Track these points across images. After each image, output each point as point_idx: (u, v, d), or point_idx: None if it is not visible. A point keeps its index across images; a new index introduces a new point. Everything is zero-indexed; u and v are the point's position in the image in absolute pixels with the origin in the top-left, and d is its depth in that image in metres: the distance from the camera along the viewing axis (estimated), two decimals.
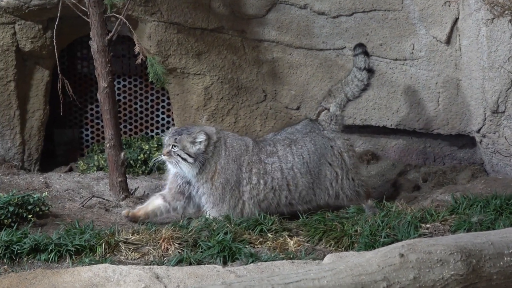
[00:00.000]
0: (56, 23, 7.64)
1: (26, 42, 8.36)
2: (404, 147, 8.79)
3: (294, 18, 8.39)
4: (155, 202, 7.21)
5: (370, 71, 7.62)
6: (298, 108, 8.68)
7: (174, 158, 7.03)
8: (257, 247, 6.31)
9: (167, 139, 7.13)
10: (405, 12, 8.18)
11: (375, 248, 4.97)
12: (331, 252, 6.00)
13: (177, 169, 7.11)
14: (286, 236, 6.45)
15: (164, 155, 7.08)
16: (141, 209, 7.18)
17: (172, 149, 7.03)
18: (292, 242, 6.34)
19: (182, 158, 7.01)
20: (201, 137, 7.04)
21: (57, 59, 7.81)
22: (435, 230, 6.46)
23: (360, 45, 7.72)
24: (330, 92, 7.65)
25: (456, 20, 8.06)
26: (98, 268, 5.26)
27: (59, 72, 7.71)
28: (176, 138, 7.05)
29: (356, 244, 6.25)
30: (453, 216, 6.69)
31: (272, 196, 7.19)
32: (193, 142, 7.03)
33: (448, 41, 8.12)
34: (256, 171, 7.17)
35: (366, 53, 7.63)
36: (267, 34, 8.47)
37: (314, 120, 7.57)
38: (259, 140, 7.54)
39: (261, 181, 7.16)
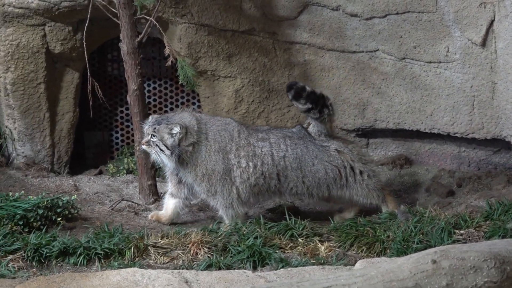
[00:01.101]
0: (86, 24, 7.71)
1: (56, 44, 8.42)
2: (438, 152, 8.73)
3: (326, 20, 8.37)
4: (170, 204, 7.30)
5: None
6: None
7: (153, 148, 7.04)
8: (288, 252, 6.31)
9: (146, 127, 7.12)
10: (439, 14, 8.13)
11: (407, 254, 4.95)
12: (363, 258, 5.99)
13: (156, 159, 7.13)
14: (317, 241, 6.44)
15: (143, 145, 7.11)
16: (162, 217, 7.24)
17: (151, 139, 7.04)
18: (323, 248, 6.33)
19: (160, 149, 7.02)
20: (176, 130, 7.03)
21: (87, 61, 7.86)
22: (469, 237, 6.42)
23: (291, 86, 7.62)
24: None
25: (492, 22, 7.98)
26: (127, 272, 5.28)
27: (88, 74, 7.77)
28: (155, 128, 7.04)
29: (388, 250, 6.24)
30: (487, 222, 6.65)
31: (262, 182, 7.18)
32: (170, 134, 7.03)
33: (483, 44, 8.05)
34: (245, 154, 7.16)
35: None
36: (299, 36, 8.46)
37: (306, 129, 7.54)
38: (251, 127, 7.54)
39: (250, 164, 7.15)
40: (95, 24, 8.20)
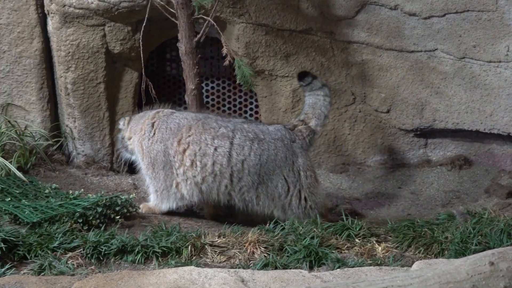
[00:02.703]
0: (144, 24, 7.79)
1: (115, 44, 8.52)
2: (498, 152, 8.63)
3: (384, 19, 8.33)
4: None
5: (325, 85, 7.74)
6: (388, 111, 8.63)
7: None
8: (344, 253, 6.28)
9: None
10: (499, 13, 8.04)
11: (465, 256, 4.91)
12: (420, 259, 5.95)
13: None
14: (374, 242, 6.40)
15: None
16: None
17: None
18: (380, 248, 6.29)
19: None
20: (121, 123, 7.76)
21: (142, 61, 7.94)
22: None
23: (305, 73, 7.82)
24: (311, 108, 7.58)
25: None
26: (184, 271, 5.31)
27: (143, 73, 7.85)
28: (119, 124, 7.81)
29: (446, 251, 6.18)
30: None
31: (212, 180, 7.15)
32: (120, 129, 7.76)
33: None
34: (190, 153, 7.15)
35: (314, 77, 7.76)
36: (357, 35, 8.44)
37: (287, 129, 7.41)
38: (217, 119, 7.40)
39: (198, 163, 7.14)
40: (153, 24, 8.29)
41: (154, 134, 7.30)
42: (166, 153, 7.21)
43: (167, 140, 7.22)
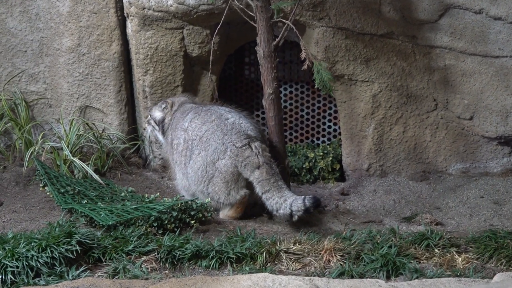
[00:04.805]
0: (218, 27, 7.83)
1: (193, 47, 8.58)
2: None
3: (468, 24, 8.22)
4: None
5: None
6: (471, 118, 8.50)
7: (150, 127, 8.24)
8: (423, 263, 6.23)
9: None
10: None
11: None
12: (502, 271, 5.86)
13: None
14: (454, 252, 6.33)
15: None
16: None
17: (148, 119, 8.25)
18: (460, 259, 6.21)
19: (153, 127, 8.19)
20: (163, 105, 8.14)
21: (210, 62, 7.99)
22: None
23: None
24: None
25: None
26: (258, 277, 5.32)
27: (209, 75, 7.90)
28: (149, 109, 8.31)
29: None
30: None
31: (180, 160, 7.67)
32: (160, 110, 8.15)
33: None
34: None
35: None
36: (439, 40, 8.33)
37: (263, 146, 7.39)
38: (201, 108, 7.87)
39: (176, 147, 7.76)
40: (232, 28, 8.33)
41: None
42: None
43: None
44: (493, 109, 8.38)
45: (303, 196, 7.06)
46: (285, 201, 7.07)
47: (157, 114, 8.07)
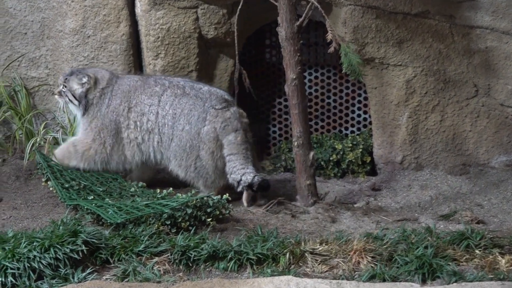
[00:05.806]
0: (240, 7, 7.81)
1: (209, 29, 8.59)
2: None
3: None
4: None
5: None
6: None
7: (63, 98, 8.11)
8: (462, 265, 6.21)
9: (59, 78, 8.19)
10: None
11: None
12: None
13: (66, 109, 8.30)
14: (497, 254, 6.31)
15: (55, 94, 8.21)
16: None
17: (62, 89, 8.07)
18: (503, 261, 6.20)
19: (69, 99, 8.06)
20: (84, 80, 8.02)
21: (236, 46, 7.98)
22: None
23: None
24: None
25: None
26: (280, 281, 5.34)
27: (236, 61, 7.90)
28: (66, 79, 8.07)
29: None
30: None
31: (148, 138, 7.91)
32: (79, 84, 8.04)
33: None
34: (133, 115, 7.95)
35: None
36: (480, 19, 8.31)
37: (224, 98, 7.93)
38: (156, 78, 8.14)
39: (138, 123, 7.93)
40: (251, 7, 8.32)
41: None
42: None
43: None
44: None
45: (257, 174, 7.69)
46: (242, 169, 7.71)
47: (76, 87, 8.08)
